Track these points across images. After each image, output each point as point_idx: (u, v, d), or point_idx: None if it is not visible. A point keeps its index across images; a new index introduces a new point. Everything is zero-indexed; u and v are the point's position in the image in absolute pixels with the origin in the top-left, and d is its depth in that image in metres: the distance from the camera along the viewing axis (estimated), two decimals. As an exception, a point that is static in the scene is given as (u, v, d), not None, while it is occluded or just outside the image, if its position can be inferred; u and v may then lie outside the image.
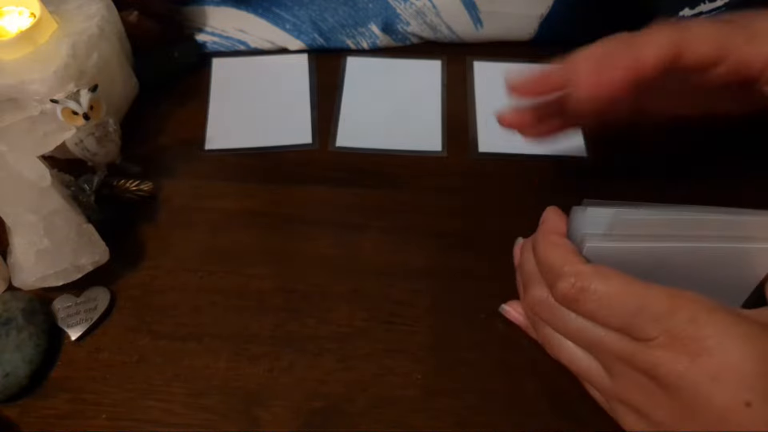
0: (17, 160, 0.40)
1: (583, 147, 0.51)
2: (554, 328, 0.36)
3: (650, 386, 0.32)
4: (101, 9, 0.49)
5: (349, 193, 0.49)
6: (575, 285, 0.33)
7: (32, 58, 0.46)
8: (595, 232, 0.35)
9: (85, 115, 0.43)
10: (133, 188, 0.48)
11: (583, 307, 0.33)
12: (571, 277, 0.33)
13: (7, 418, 0.39)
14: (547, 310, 0.36)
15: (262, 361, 0.41)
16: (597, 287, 0.33)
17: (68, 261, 0.42)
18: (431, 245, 0.46)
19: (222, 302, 0.44)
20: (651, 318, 0.31)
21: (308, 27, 0.57)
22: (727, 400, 0.29)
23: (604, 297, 0.33)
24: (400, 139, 0.52)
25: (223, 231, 0.47)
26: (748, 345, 0.29)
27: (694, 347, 0.30)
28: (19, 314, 0.41)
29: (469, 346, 0.41)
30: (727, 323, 0.30)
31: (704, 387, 0.30)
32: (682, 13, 0.51)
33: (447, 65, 0.57)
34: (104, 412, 0.39)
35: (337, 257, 0.46)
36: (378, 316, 0.43)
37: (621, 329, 0.32)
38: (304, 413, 0.39)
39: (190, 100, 0.55)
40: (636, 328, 0.32)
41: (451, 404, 0.39)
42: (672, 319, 0.31)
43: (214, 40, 0.58)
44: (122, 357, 0.41)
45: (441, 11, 0.55)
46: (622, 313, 0.32)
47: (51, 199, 0.41)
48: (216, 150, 0.52)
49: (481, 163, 0.51)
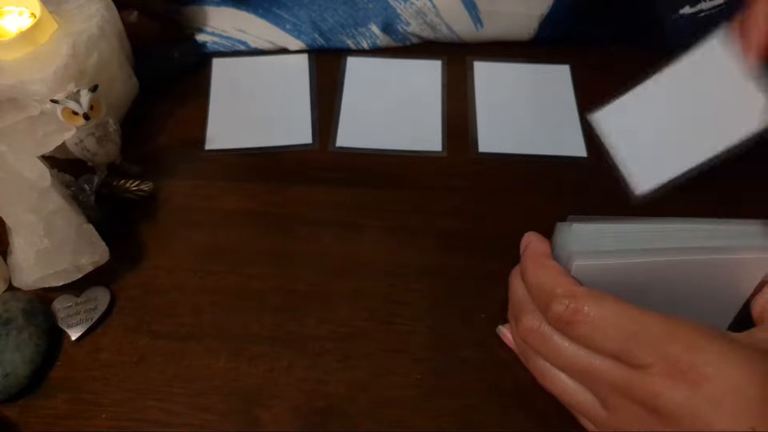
0: (17, 160, 0.40)
1: (584, 147, 0.51)
2: (547, 358, 0.35)
3: (649, 418, 0.31)
4: (101, 9, 0.49)
5: (349, 193, 0.49)
6: (569, 307, 0.32)
7: (32, 58, 0.46)
8: (582, 249, 0.35)
9: (85, 115, 0.43)
10: (133, 188, 0.48)
11: (576, 330, 0.33)
12: (565, 299, 0.33)
13: (7, 418, 0.39)
14: (539, 339, 0.35)
15: (262, 361, 0.41)
16: (591, 310, 0.32)
17: (68, 261, 0.42)
18: (431, 245, 0.46)
19: (222, 302, 0.44)
20: (646, 343, 0.30)
21: (308, 27, 0.57)
22: (730, 428, 0.28)
23: (598, 320, 0.32)
24: (400, 139, 0.52)
25: (223, 231, 0.47)
26: (748, 370, 0.29)
27: (693, 375, 0.29)
28: (19, 314, 0.41)
29: (469, 346, 0.41)
30: (725, 349, 0.30)
31: (706, 415, 0.29)
32: (683, 11, 0.51)
33: (447, 65, 0.57)
34: (104, 412, 0.39)
35: (337, 257, 0.46)
36: (378, 316, 0.43)
37: (616, 355, 0.32)
38: (304, 413, 0.39)
39: (190, 100, 0.55)
40: (631, 353, 0.31)
41: (451, 404, 0.39)
42: (668, 345, 0.30)
43: (214, 40, 0.58)
44: (122, 357, 0.41)
45: (441, 11, 0.55)
46: (617, 337, 0.31)
47: (51, 199, 0.41)
48: (216, 150, 0.52)
49: (481, 163, 0.51)
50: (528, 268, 0.36)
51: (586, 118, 0.52)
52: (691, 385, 0.29)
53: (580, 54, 0.56)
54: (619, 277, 0.34)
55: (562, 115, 0.53)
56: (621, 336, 0.31)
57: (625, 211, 0.45)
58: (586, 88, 0.55)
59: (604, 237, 0.35)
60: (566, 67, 0.56)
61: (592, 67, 0.56)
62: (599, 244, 0.35)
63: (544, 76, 0.56)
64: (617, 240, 0.35)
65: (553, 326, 0.34)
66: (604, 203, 0.48)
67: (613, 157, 0.44)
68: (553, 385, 0.36)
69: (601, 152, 0.50)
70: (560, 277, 0.34)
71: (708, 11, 0.50)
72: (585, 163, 0.50)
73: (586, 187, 0.49)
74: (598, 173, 0.49)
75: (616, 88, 0.54)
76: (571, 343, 0.33)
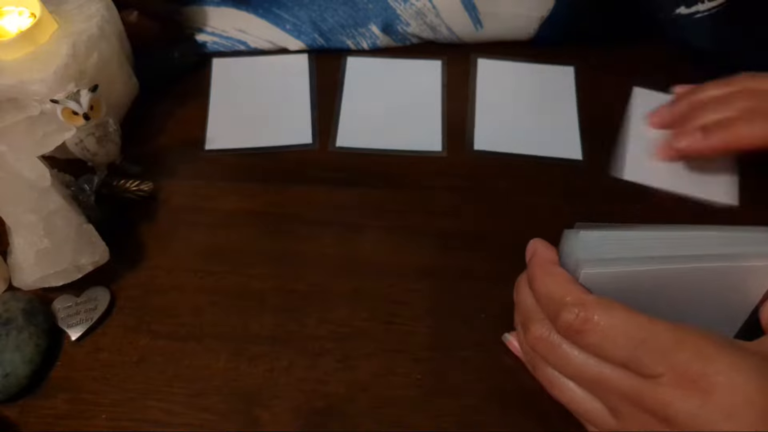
0: (17, 160, 0.40)
1: (579, 150, 0.51)
2: (556, 366, 0.35)
3: (659, 427, 0.31)
4: (101, 9, 0.49)
5: (349, 193, 0.49)
6: (579, 316, 0.32)
7: (32, 58, 0.46)
8: (590, 257, 0.34)
9: (85, 115, 0.43)
10: (133, 188, 0.48)
11: (586, 339, 0.32)
12: (575, 307, 0.33)
13: (7, 418, 0.39)
14: (548, 348, 0.35)
15: (262, 361, 0.41)
16: (600, 319, 0.32)
17: (68, 261, 0.42)
18: (431, 245, 0.46)
19: (222, 302, 0.44)
20: (655, 351, 0.30)
21: (308, 27, 0.57)
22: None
23: (607, 329, 0.32)
24: (400, 139, 0.52)
25: (223, 231, 0.47)
26: (759, 380, 0.29)
27: (703, 384, 0.29)
28: (19, 314, 0.41)
29: (469, 346, 0.41)
30: (735, 358, 0.30)
31: (717, 426, 0.29)
32: (678, 11, 0.51)
33: (447, 65, 0.57)
34: (104, 412, 0.39)
35: (337, 257, 0.46)
36: (378, 316, 0.43)
37: (625, 363, 0.31)
38: (304, 413, 0.39)
39: (190, 100, 0.55)
40: (640, 362, 0.31)
41: (451, 404, 0.39)
42: (678, 354, 0.30)
43: (214, 40, 0.58)
44: (122, 357, 0.41)
45: (441, 12, 0.55)
46: (626, 345, 0.31)
47: (51, 199, 0.41)
48: (216, 150, 0.52)
49: (481, 163, 0.51)
50: (536, 276, 0.36)
51: (586, 121, 0.53)
52: (703, 395, 0.29)
53: (582, 55, 0.56)
54: (627, 285, 0.34)
55: (563, 117, 0.53)
56: (630, 344, 0.31)
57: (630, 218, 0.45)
58: (588, 90, 0.54)
59: (611, 244, 0.35)
60: (570, 69, 0.56)
61: (593, 68, 0.56)
62: (606, 252, 0.35)
63: (548, 77, 0.56)
64: (624, 248, 0.35)
65: (562, 335, 0.34)
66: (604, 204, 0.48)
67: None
68: (561, 394, 0.35)
69: (597, 156, 0.51)
70: (569, 285, 0.34)
71: (704, 12, 0.50)
72: (581, 165, 0.50)
73: (586, 188, 0.49)
74: (596, 176, 0.49)
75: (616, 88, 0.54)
76: (581, 351, 0.33)
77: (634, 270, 0.34)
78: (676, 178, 0.48)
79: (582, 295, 0.33)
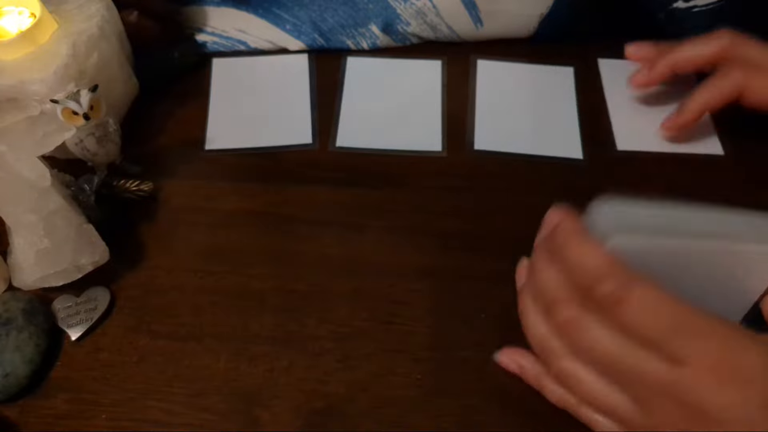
0: (17, 160, 0.40)
1: (580, 150, 0.51)
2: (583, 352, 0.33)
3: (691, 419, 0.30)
4: (101, 9, 0.49)
5: (349, 193, 0.49)
6: (620, 286, 0.31)
7: (32, 58, 0.46)
8: (620, 228, 0.33)
9: (85, 115, 0.43)
10: (133, 188, 0.48)
11: (624, 313, 0.31)
12: (614, 278, 0.31)
13: (7, 418, 0.39)
14: (579, 331, 0.33)
15: (262, 361, 0.41)
16: (641, 293, 0.31)
17: (68, 261, 0.42)
18: (431, 245, 0.46)
19: (222, 302, 0.44)
20: (689, 335, 0.30)
21: (308, 27, 0.57)
22: None
23: (647, 304, 0.31)
24: (400, 139, 0.52)
25: (223, 231, 0.47)
26: None
27: (738, 376, 0.29)
28: (19, 314, 0.41)
29: (469, 346, 0.41)
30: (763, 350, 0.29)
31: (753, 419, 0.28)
32: (676, 5, 0.51)
33: (447, 65, 0.57)
34: (104, 412, 0.39)
35: (337, 257, 0.46)
36: (378, 316, 0.43)
37: (657, 344, 0.31)
38: (304, 413, 0.39)
39: (190, 100, 0.55)
40: (673, 344, 0.30)
41: (451, 404, 0.39)
42: (709, 341, 0.30)
43: (214, 40, 0.58)
44: (122, 357, 0.41)
45: (441, 11, 0.55)
46: (660, 325, 0.30)
47: (51, 199, 0.41)
48: (216, 150, 0.52)
49: (482, 163, 0.51)
50: (569, 245, 0.33)
51: (585, 120, 0.53)
52: (739, 387, 0.29)
53: (582, 55, 0.56)
54: (655, 259, 0.33)
55: (562, 117, 0.53)
56: (664, 323, 0.30)
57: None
58: (588, 90, 0.54)
59: (641, 217, 0.34)
60: (570, 69, 0.56)
61: (593, 68, 0.56)
62: (637, 225, 0.34)
63: (548, 77, 0.56)
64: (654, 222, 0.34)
65: (594, 307, 0.32)
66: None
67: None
68: (580, 387, 0.34)
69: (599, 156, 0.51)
70: (607, 256, 0.32)
71: (702, 7, 0.50)
72: (581, 165, 0.50)
73: (586, 188, 0.49)
74: (596, 175, 0.49)
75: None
76: (613, 334, 0.32)
77: (664, 243, 0.33)
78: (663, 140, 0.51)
79: (623, 267, 0.32)
